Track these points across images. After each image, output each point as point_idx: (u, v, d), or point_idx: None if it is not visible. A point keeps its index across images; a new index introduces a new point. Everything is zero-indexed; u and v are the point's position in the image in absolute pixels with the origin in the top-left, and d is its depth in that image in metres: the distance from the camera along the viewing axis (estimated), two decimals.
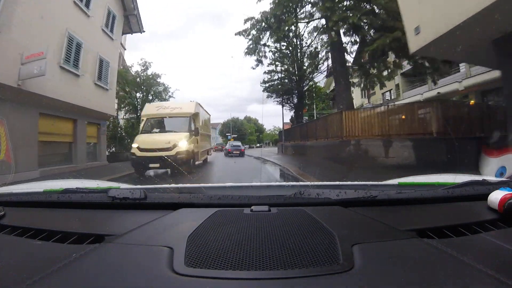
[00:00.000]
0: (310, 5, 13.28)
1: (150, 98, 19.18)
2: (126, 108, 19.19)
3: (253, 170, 10.15)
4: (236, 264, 0.51)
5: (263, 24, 14.84)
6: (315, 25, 15.59)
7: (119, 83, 15.06)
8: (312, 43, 18.21)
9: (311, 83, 22.84)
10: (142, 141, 8.49)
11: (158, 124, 9.92)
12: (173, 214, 0.80)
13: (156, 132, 9.31)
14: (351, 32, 11.90)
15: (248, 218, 0.73)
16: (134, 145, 8.44)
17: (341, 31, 11.67)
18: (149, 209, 0.86)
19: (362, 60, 12.32)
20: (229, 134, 46.03)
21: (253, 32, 15.56)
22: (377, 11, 10.85)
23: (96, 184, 1.31)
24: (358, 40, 12.17)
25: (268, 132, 61.57)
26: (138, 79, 19.05)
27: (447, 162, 6.57)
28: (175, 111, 10.02)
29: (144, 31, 16.00)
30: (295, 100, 22.71)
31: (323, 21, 12.89)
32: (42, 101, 8.07)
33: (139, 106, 18.29)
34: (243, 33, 15.60)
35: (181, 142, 8.41)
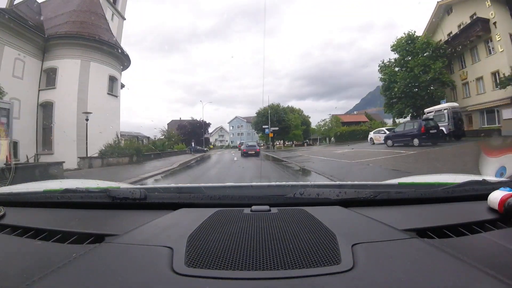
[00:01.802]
0: None
1: None
2: None
3: None
4: (236, 264, 0.51)
5: None
6: None
7: None
8: None
9: None
10: None
11: None
12: (173, 214, 0.80)
13: None
14: None
15: (248, 218, 0.73)
16: None
17: None
18: (149, 209, 0.86)
19: None
20: (266, 127, 31.88)
21: None
22: None
23: (96, 184, 1.31)
24: None
25: (318, 126, 41.50)
26: None
27: None
28: None
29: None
30: None
31: None
32: None
33: None
34: None
35: None
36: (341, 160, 10.30)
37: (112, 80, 17.84)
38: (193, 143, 25.59)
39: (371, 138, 19.16)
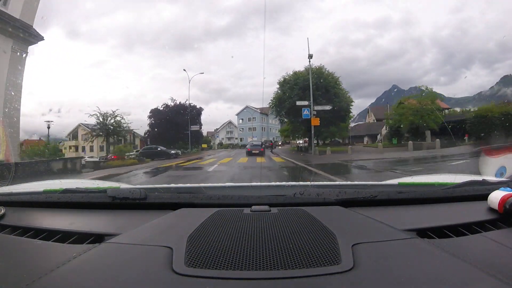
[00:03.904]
0: None
1: None
2: None
3: None
4: (236, 264, 0.51)
5: None
6: None
7: None
8: None
9: None
10: None
11: None
12: (173, 214, 0.80)
13: None
14: None
15: (248, 218, 0.73)
16: None
17: None
18: (149, 209, 0.86)
19: None
20: (304, 104, 17.26)
21: None
22: None
23: (96, 184, 1.31)
24: None
25: (392, 111, 23.81)
26: None
27: None
28: None
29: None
30: None
31: None
32: None
33: None
34: None
35: None
36: None
37: None
38: None
39: None
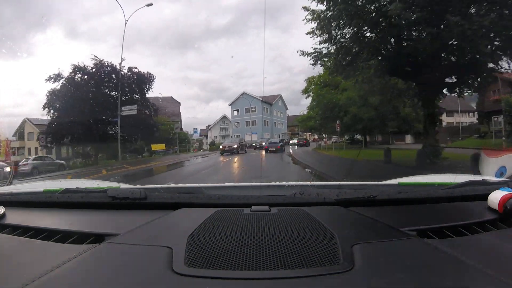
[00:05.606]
0: None
1: None
2: None
3: None
4: (236, 264, 0.51)
5: None
6: None
7: None
8: None
9: None
10: None
11: None
12: (173, 214, 0.80)
13: None
14: None
15: (248, 218, 0.73)
16: None
17: None
18: (149, 209, 0.86)
19: None
20: None
21: None
22: None
23: (96, 184, 1.31)
24: None
25: None
26: None
27: None
28: None
29: None
30: None
31: None
32: None
33: None
34: None
35: None
36: None
37: None
38: None
39: None
